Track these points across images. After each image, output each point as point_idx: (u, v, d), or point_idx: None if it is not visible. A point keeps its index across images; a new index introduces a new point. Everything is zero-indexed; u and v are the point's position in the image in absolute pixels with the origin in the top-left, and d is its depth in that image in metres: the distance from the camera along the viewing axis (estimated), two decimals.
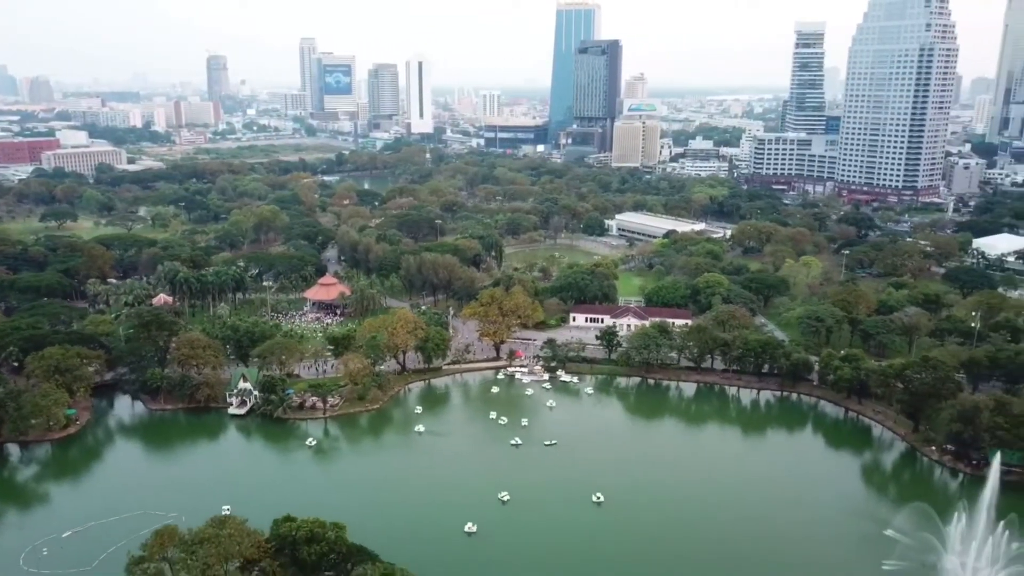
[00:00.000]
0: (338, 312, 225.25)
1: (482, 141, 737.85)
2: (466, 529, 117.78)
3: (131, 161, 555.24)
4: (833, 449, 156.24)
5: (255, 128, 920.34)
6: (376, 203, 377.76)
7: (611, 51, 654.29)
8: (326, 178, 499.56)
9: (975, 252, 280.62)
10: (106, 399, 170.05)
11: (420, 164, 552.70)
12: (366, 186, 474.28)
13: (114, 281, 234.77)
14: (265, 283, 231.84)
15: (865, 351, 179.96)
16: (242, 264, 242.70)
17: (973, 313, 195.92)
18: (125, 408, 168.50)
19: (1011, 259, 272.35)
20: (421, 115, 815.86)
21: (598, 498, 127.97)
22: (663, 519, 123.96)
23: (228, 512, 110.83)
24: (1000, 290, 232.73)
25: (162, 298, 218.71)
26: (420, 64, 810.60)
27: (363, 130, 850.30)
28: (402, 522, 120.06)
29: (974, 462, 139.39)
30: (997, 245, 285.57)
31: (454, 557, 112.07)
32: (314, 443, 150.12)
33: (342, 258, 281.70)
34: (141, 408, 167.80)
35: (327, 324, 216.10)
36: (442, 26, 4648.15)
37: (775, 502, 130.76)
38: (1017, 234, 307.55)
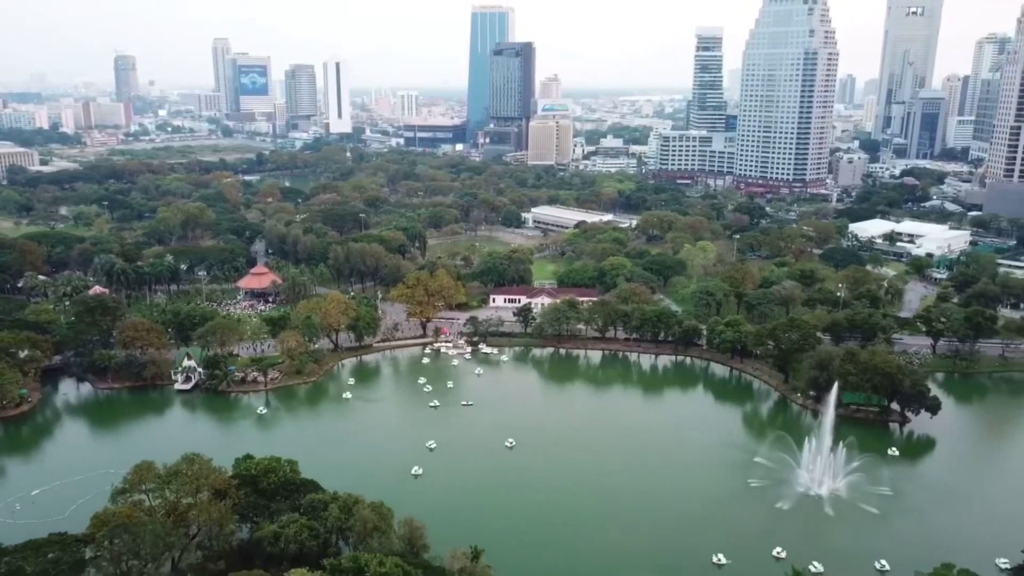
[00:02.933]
0: (270, 300, 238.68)
1: (401, 141, 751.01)
2: (413, 472, 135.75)
3: (44, 163, 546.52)
4: (719, 401, 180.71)
5: (169, 129, 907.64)
6: (300, 200, 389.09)
7: (525, 53, 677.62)
8: (247, 177, 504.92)
9: (850, 235, 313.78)
10: (50, 383, 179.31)
11: (341, 163, 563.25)
12: (287, 184, 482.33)
13: (42, 278, 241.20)
14: (200, 273, 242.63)
15: (749, 320, 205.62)
16: (170, 258, 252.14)
17: (839, 285, 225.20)
18: (73, 389, 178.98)
19: (879, 241, 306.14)
20: (340, 115, 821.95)
21: (510, 443, 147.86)
22: (568, 457, 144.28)
23: None
24: (869, 267, 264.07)
25: (97, 290, 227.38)
26: (338, 65, 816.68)
27: (282, 130, 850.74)
28: (351, 469, 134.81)
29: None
30: (869, 229, 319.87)
31: (404, 495, 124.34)
32: (265, 411, 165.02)
33: (270, 251, 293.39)
34: (88, 388, 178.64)
35: (260, 311, 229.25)
36: (358, 28, 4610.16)
37: (667, 442, 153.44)
38: (887, 219, 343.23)
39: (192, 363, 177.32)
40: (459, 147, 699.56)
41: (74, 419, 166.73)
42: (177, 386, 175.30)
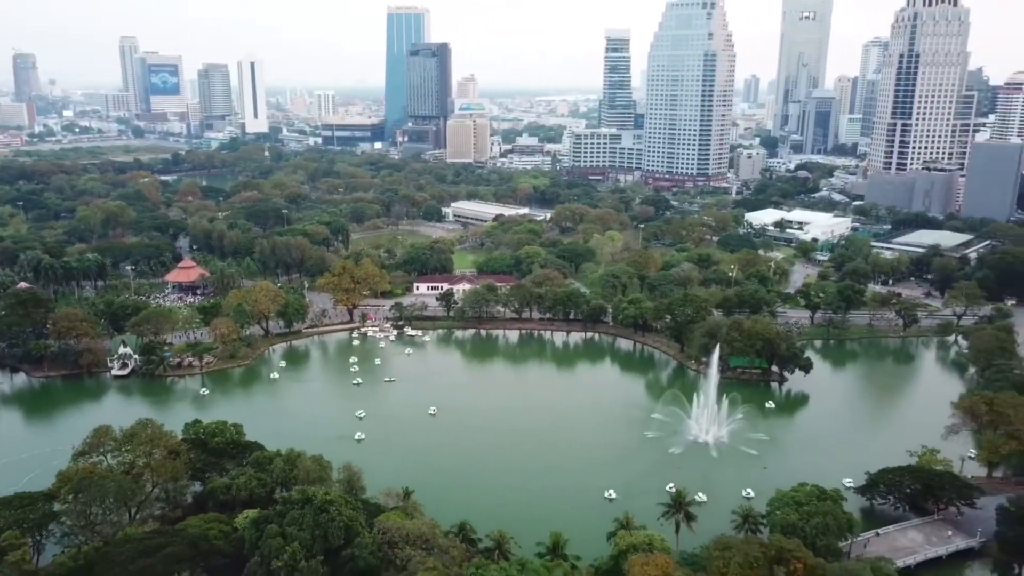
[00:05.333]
0: (199, 292, 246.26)
1: (319, 140, 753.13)
2: (356, 437, 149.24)
3: None
4: (623, 370, 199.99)
5: (77, 130, 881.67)
6: (221, 198, 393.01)
7: (441, 53, 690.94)
8: (164, 177, 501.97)
9: (746, 223, 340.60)
10: None
11: (260, 162, 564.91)
12: (204, 183, 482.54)
13: None
14: (129, 267, 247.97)
15: (651, 299, 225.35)
16: (97, 254, 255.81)
17: (732, 267, 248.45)
18: (7, 379, 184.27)
19: (771, 228, 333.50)
20: (256, 115, 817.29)
21: (433, 411, 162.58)
22: (484, 421, 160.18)
23: None
24: (760, 251, 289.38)
25: (23, 286, 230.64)
26: (252, 65, 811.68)
27: (196, 131, 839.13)
28: (289, 435, 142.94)
29: (719, 367, 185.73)
30: (763, 218, 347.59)
31: (339, 455, 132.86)
32: (207, 392, 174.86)
33: (194, 246, 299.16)
34: (23, 378, 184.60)
35: (190, 303, 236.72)
36: (272, 27, 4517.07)
37: (575, 406, 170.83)
38: (780, 209, 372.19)
39: (128, 350, 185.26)
40: (378, 146, 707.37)
41: (14, 404, 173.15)
42: (114, 372, 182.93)
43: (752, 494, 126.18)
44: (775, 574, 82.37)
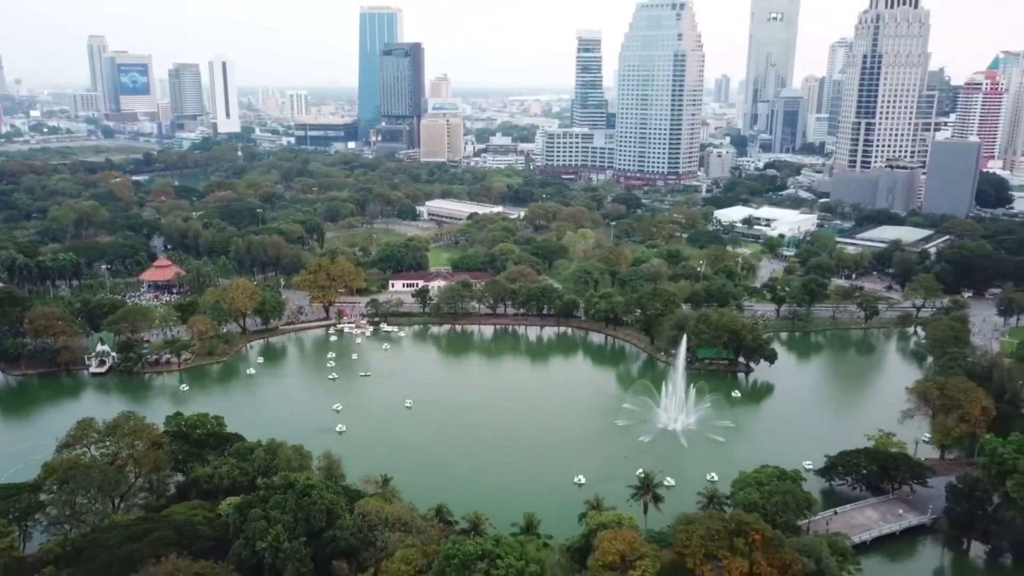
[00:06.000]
0: (174, 291, 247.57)
1: (292, 140, 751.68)
2: (338, 429, 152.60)
3: None
4: (595, 363, 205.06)
5: (45, 130, 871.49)
6: (195, 197, 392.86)
7: (414, 53, 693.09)
8: (136, 178, 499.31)
9: (715, 220, 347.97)
10: None
11: (232, 162, 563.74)
12: (176, 183, 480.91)
13: None
14: (104, 267, 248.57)
15: (622, 295, 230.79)
16: (72, 253, 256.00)
17: (701, 262, 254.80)
18: None
19: (740, 224, 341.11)
20: (228, 115, 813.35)
21: (409, 403, 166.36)
22: (460, 412, 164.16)
23: None
24: (729, 247, 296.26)
25: None
26: (224, 64, 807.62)
27: (167, 131, 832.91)
28: (268, 428, 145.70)
29: (688, 359, 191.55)
30: (731, 215, 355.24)
31: (319, 446, 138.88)
32: (187, 388, 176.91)
33: (168, 246, 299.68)
34: (0, 376, 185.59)
35: (166, 302, 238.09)
36: (242, 27, 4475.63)
37: (549, 398, 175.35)
38: (749, 206, 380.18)
39: (106, 348, 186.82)
40: (351, 145, 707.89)
41: None
42: (92, 369, 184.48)
43: (716, 477, 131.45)
44: (735, 545, 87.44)
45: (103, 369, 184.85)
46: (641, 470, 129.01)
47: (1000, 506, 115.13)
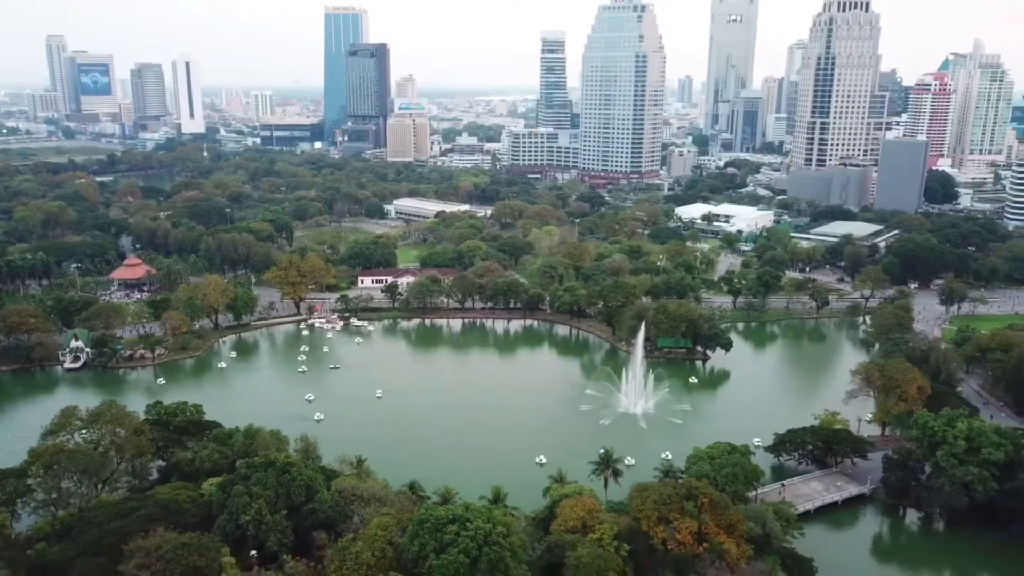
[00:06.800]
0: (145, 288, 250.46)
1: (258, 140, 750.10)
2: (316, 418, 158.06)
3: None
4: (560, 353, 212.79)
5: (3, 131, 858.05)
6: (162, 198, 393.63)
7: (380, 53, 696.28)
8: (100, 178, 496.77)
9: (675, 217, 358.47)
10: None
11: (198, 162, 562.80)
12: (141, 184, 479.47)
13: None
14: (74, 266, 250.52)
15: (585, 288, 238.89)
16: (41, 253, 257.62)
17: (661, 257, 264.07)
18: None
19: (699, 221, 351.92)
20: (192, 115, 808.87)
21: (379, 393, 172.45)
22: (429, 401, 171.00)
23: None
24: (689, 243, 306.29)
25: None
26: (187, 64, 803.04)
27: (130, 131, 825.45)
28: (244, 417, 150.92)
29: (648, 348, 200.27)
30: (691, 212, 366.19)
31: (294, 432, 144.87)
32: (163, 382, 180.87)
33: (137, 245, 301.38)
34: None
35: (136, 300, 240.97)
36: (204, 27, 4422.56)
37: (515, 386, 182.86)
38: (708, 203, 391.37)
39: (80, 344, 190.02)
40: (317, 145, 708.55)
41: None
42: (67, 365, 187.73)
43: (670, 456, 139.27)
44: (685, 508, 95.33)
45: (77, 365, 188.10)
46: (602, 448, 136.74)
47: (931, 475, 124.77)
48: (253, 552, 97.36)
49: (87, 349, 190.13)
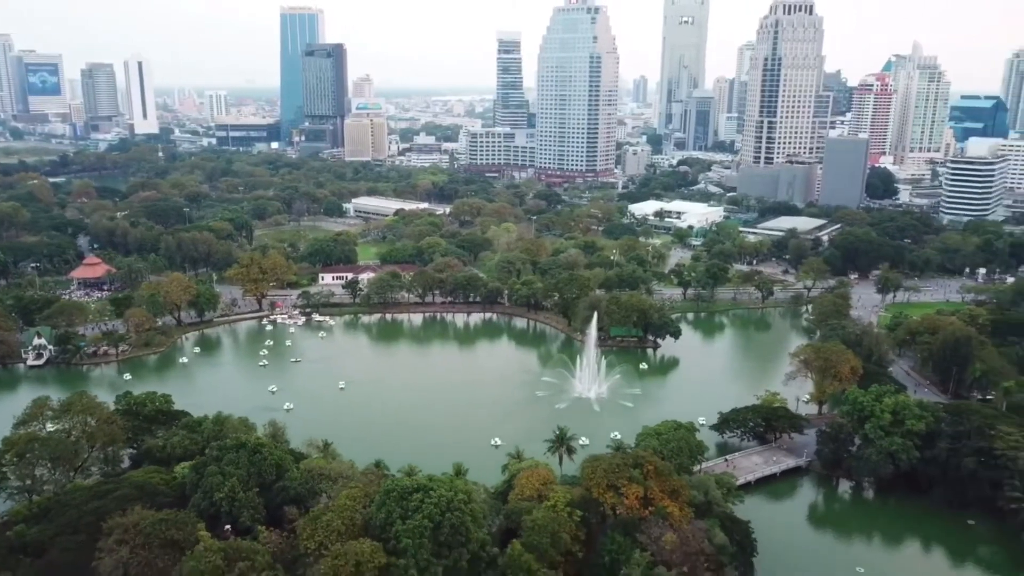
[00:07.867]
0: (105, 287, 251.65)
1: (214, 140, 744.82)
2: (285, 407, 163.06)
3: None
4: (518, 344, 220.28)
5: None
6: (118, 198, 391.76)
7: (336, 54, 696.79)
8: (53, 179, 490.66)
9: (629, 214, 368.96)
10: None
11: (153, 162, 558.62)
12: (95, 184, 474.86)
13: None
14: (32, 266, 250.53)
15: (541, 282, 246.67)
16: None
17: (614, 251, 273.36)
18: None
19: (652, 217, 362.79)
20: (145, 116, 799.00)
21: (342, 385, 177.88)
22: (390, 391, 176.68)
23: None
24: (641, 238, 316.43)
25: None
26: (140, 64, 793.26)
27: (81, 132, 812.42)
28: (212, 407, 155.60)
29: (602, 337, 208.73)
30: (644, 208, 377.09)
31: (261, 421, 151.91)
32: (129, 377, 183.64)
33: (95, 245, 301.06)
34: None
35: (97, 298, 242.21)
36: (153, 26, 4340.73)
37: (474, 376, 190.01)
38: (661, 200, 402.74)
39: (43, 341, 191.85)
40: (274, 145, 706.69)
41: None
42: (29, 362, 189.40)
43: (619, 436, 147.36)
44: (632, 476, 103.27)
45: (40, 362, 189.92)
46: (556, 427, 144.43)
47: (861, 447, 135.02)
48: (228, 527, 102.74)
49: (50, 346, 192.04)
